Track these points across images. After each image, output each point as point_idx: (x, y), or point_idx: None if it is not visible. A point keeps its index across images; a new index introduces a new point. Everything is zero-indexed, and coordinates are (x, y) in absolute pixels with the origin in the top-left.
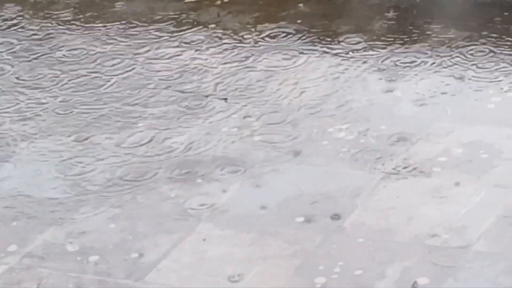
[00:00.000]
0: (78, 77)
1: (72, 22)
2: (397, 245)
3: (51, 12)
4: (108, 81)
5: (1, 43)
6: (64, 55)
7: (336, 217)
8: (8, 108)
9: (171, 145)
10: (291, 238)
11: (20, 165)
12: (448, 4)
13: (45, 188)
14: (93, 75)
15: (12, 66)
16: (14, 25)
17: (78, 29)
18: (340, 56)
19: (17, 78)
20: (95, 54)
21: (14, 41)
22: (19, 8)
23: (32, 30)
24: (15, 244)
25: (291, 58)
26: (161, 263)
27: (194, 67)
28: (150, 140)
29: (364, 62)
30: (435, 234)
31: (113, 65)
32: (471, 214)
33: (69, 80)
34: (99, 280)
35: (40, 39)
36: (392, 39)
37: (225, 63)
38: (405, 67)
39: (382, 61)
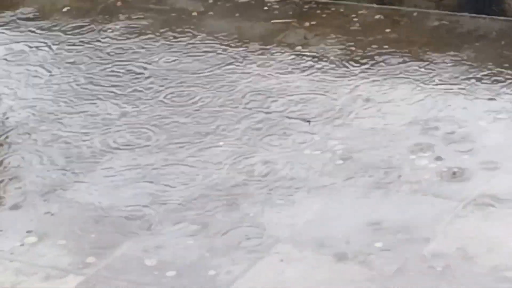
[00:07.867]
0: (158, 91)
1: (157, 37)
2: (475, 275)
3: (134, 27)
4: (192, 98)
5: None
6: (147, 68)
7: (415, 243)
8: (92, 116)
9: (252, 165)
10: (369, 263)
11: (103, 177)
12: None
13: (126, 202)
14: (177, 92)
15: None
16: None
17: (164, 45)
18: (425, 83)
19: (105, 86)
20: (179, 70)
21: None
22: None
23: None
24: (93, 256)
25: (377, 83)
26: (237, 282)
27: (279, 88)
28: (231, 159)
29: (451, 90)
30: None
31: (198, 82)
32: None
33: (153, 95)
34: None
35: (122, 51)
36: (480, 68)
37: (309, 85)
38: (491, 99)
39: (464, 90)
